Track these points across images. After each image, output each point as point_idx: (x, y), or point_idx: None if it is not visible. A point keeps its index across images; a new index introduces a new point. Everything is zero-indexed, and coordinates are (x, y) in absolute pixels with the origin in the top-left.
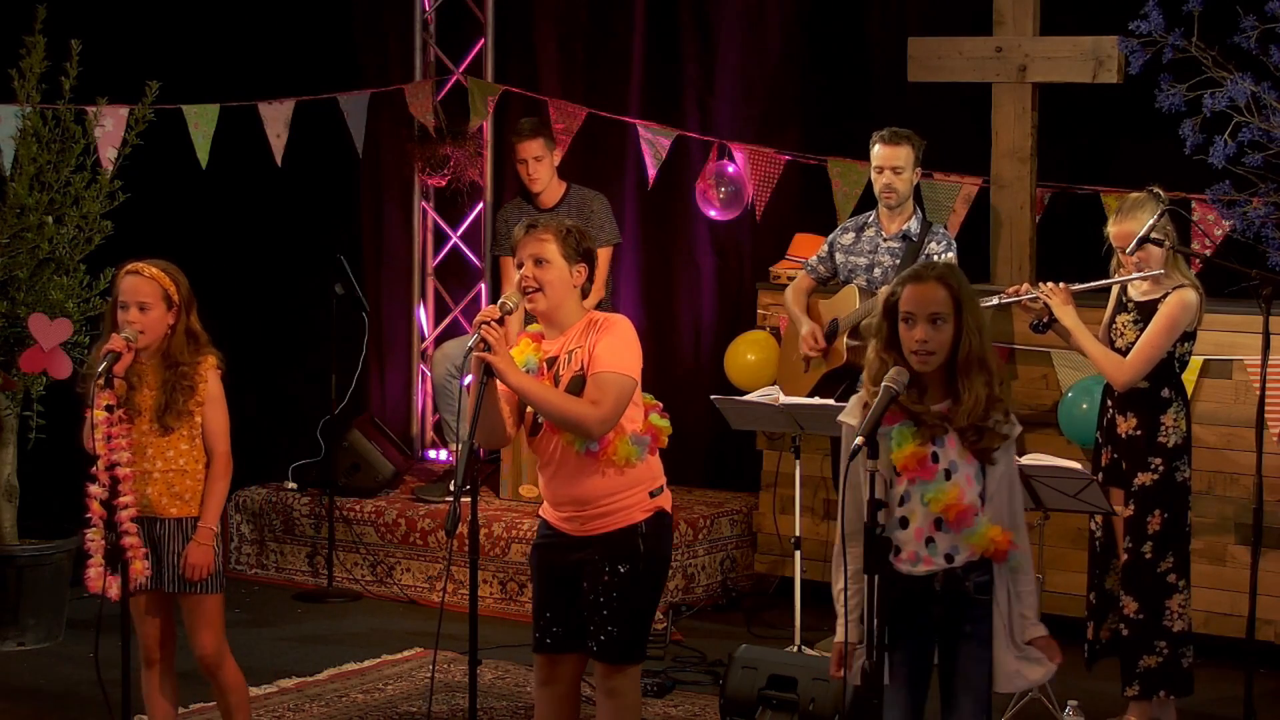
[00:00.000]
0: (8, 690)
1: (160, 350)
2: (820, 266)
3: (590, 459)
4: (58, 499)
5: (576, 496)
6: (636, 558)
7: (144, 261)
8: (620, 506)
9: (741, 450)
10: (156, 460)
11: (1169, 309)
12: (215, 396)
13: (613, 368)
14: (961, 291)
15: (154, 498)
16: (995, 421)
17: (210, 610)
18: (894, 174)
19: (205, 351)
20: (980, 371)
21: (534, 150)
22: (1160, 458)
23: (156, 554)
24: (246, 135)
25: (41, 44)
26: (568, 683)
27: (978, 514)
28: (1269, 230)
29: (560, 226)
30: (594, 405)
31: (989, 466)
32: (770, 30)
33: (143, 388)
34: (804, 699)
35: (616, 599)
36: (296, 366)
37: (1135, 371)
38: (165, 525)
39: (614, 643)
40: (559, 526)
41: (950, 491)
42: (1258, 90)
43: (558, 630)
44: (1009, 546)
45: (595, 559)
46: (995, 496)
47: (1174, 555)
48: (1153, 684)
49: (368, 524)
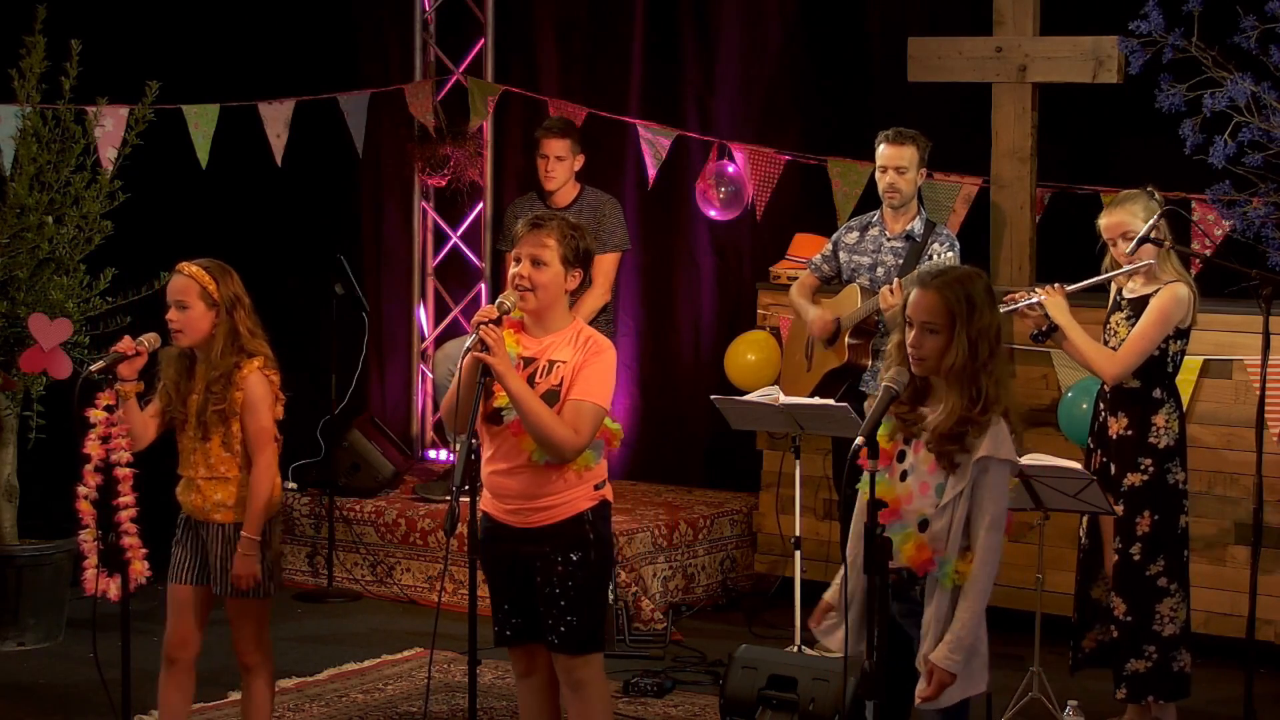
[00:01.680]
0: (8, 690)
1: (203, 349)
2: (825, 265)
3: (546, 465)
4: (58, 499)
5: (526, 493)
6: (587, 545)
7: (191, 260)
8: (565, 500)
9: (741, 450)
10: (199, 467)
11: (1160, 302)
12: (254, 401)
13: (595, 399)
14: (958, 304)
15: (198, 504)
16: (969, 433)
17: (252, 613)
18: (898, 174)
19: (251, 351)
20: (965, 385)
21: (558, 149)
22: (1150, 458)
23: (204, 555)
24: (246, 135)
25: (41, 44)
26: (546, 671)
27: (899, 518)
28: (1269, 230)
29: (564, 229)
30: (574, 433)
31: (950, 479)
32: (770, 30)
33: (191, 392)
34: (804, 699)
35: (573, 588)
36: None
37: (1125, 365)
38: (210, 529)
39: (574, 632)
40: (501, 519)
41: (884, 487)
42: (1258, 90)
43: (517, 622)
44: (924, 562)
45: (546, 551)
46: (946, 510)
47: (1166, 559)
48: (1141, 688)
49: (368, 524)
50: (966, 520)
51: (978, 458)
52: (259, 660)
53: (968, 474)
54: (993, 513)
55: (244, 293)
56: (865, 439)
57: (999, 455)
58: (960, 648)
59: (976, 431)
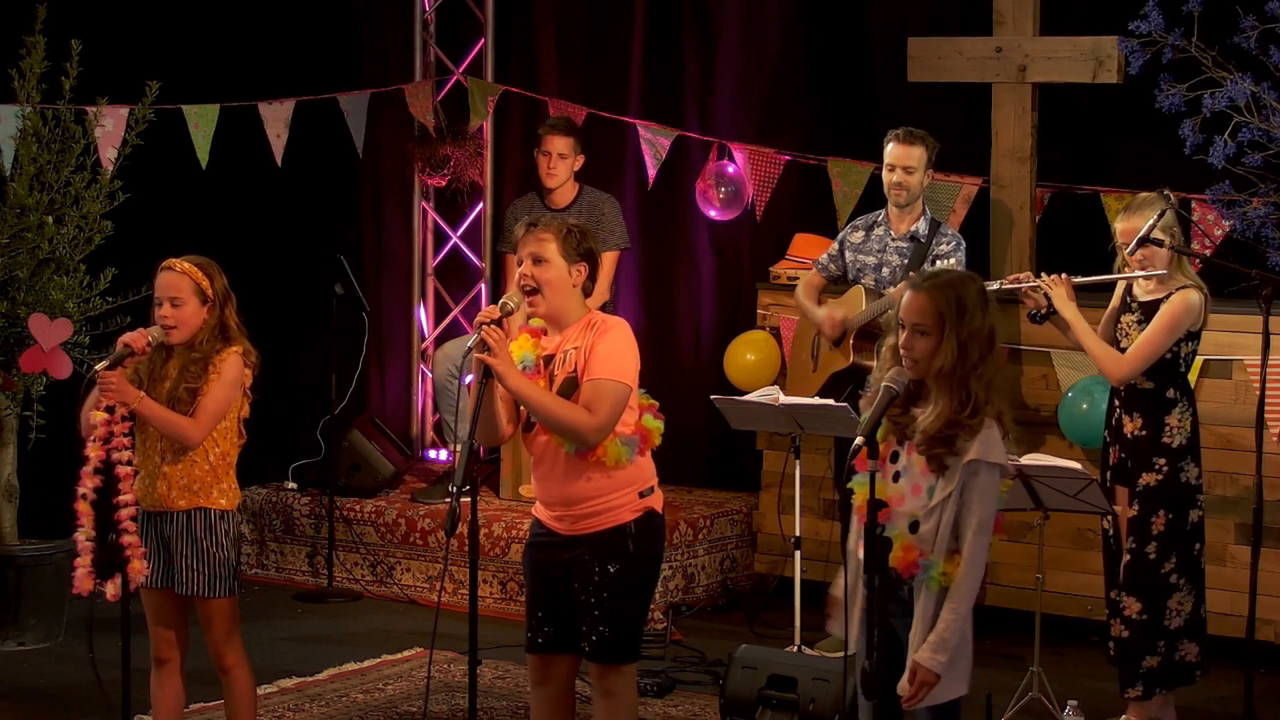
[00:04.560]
0: (8, 690)
1: (190, 344)
2: (831, 265)
3: (579, 460)
4: (58, 499)
5: (565, 496)
6: (626, 558)
7: (180, 258)
8: (609, 507)
9: (741, 450)
10: (166, 452)
11: (1171, 308)
12: (226, 380)
13: (609, 374)
14: (948, 307)
15: (163, 491)
16: (956, 439)
17: (220, 613)
18: (905, 173)
19: (234, 343)
20: (955, 388)
21: (561, 146)
22: (1165, 458)
23: (168, 553)
24: (246, 135)
25: (41, 44)
26: (562, 682)
27: (890, 520)
28: (1269, 230)
29: (561, 226)
30: (590, 413)
31: (940, 481)
32: (770, 30)
33: (164, 380)
34: (804, 699)
35: (607, 599)
36: (296, 366)
37: (1132, 368)
38: (175, 520)
39: (605, 643)
40: (550, 525)
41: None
42: (1258, 90)
43: (549, 630)
44: (910, 564)
45: (585, 559)
46: (935, 512)
47: (1178, 556)
48: (1154, 683)
49: (368, 524)
50: (955, 523)
51: (967, 460)
52: (235, 660)
53: (957, 477)
54: (980, 516)
55: (230, 289)
56: (865, 439)
57: (989, 459)
58: (944, 648)
59: (967, 435)
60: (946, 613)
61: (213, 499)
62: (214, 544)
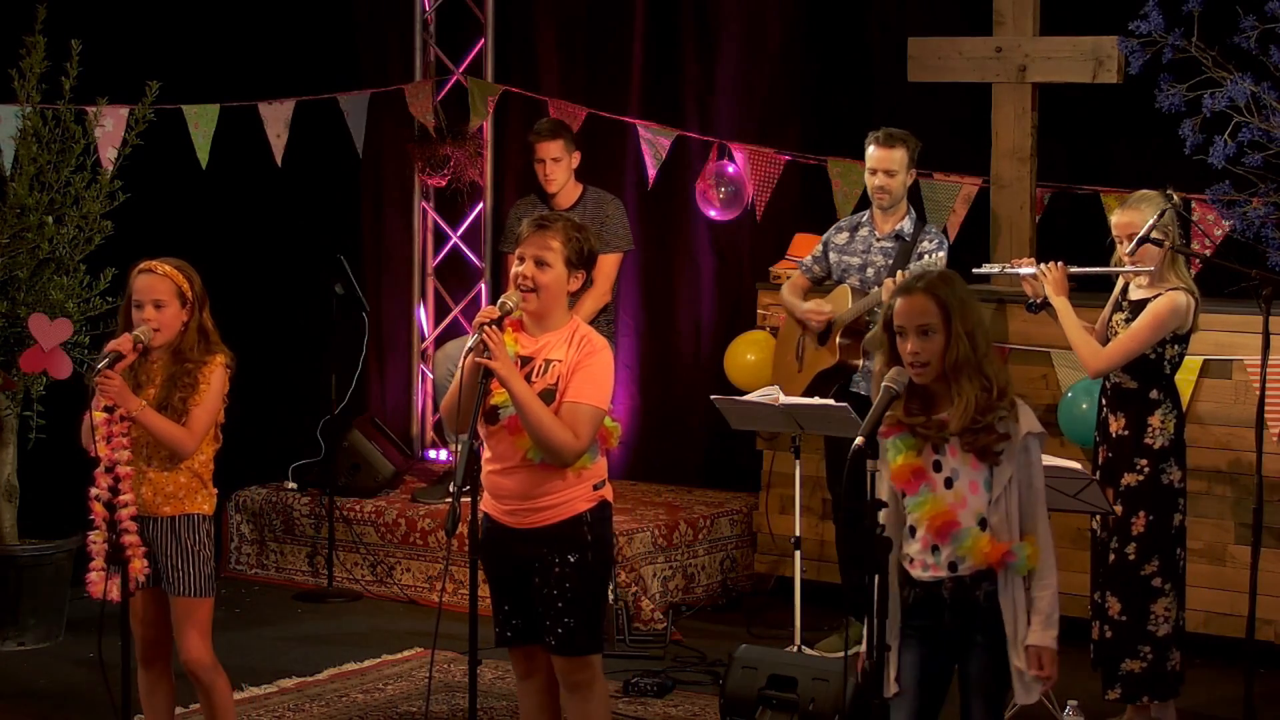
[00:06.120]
0: (8, 690)
1: (172, 347)
2: (815, 266)
3: (542, 465)
4: (58, 499)
5: (522, 493)
6: (585, 546)
7: (157, 260)
8: (564, 500)
9: (741, 450)
10: (152, 458)
11: (1156, 308)
12: (215, 390)
13: (593, 400)
14: (950, 300)
15: (148, 497)
16: (995, 419)
17: (198, 614)
18: (887, 176)
19: (215, 350)
20: (974, 375)
21: (552, 151)
22: (1146, 459)
23: (150, 554)
24: (246, 135)
25: (41, 44)
26: (546, 672)
27: (959, 525)
28: (1269, 230)
29: (569, 230)
30: (575, 437)
31: (996, 469)
32: (770, 30)
33: (150, 385)
34: (804, 699)
35: (570, 590)
36: (296, 366)
37: (1109, 362)
38: (159, 525)
39: (572, 634)
40: (500, 519)
41: (931, 502)
42: (1258, 90)
43: (517, 623)
44: (1002, 555)
45: (544, 552)
46: (1000, 500)
47: (1160, 559)
48: (1136, 689)
49: (368, 524)
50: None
51: (1024, 435)
52: (209, 664)
53: (1014, 457)
54: (1038, 487)
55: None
56: (865, 438)
57: (1035, 430)
58: (1053, 623)
59: (1005, 415)
60: (1041, 589)
61: (196, 504)
62: (197, 544)
